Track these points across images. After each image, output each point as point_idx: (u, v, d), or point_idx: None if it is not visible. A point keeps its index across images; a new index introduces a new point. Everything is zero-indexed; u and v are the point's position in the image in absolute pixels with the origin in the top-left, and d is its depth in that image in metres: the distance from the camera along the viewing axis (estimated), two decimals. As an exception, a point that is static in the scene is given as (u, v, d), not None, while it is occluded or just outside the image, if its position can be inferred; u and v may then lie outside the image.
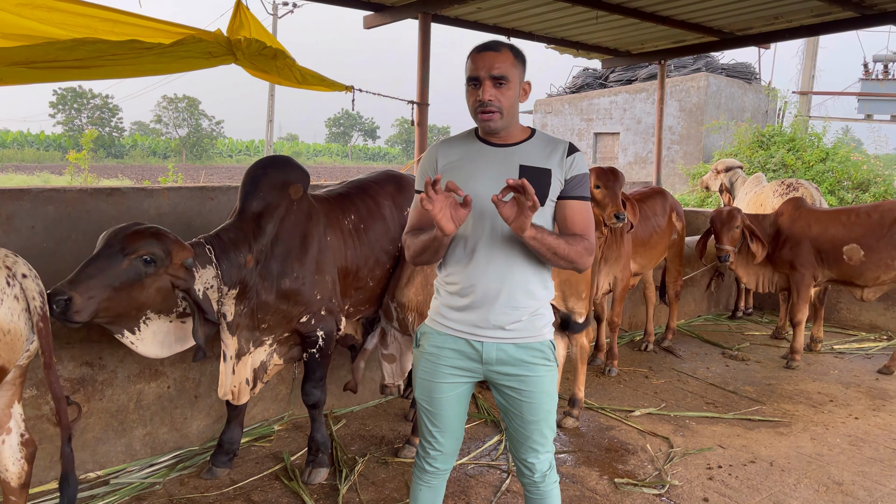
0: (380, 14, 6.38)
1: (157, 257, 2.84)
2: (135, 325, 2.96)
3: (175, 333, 3.11)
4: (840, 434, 4.21)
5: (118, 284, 2.77)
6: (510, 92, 2.17)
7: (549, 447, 2.35)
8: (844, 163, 13.82)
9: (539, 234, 2.08)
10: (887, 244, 5.22)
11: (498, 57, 2.15)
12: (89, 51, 3.51)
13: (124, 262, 2.78)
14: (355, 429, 4.16)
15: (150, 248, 2.83)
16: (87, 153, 16.96)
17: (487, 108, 2.15)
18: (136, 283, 2.82)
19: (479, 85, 2.15)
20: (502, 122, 2.19)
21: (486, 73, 2.13)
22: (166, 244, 2.88)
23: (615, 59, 8.75)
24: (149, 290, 2.87)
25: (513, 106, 2.21)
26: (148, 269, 2.83)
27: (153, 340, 3.04)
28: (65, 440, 2.68)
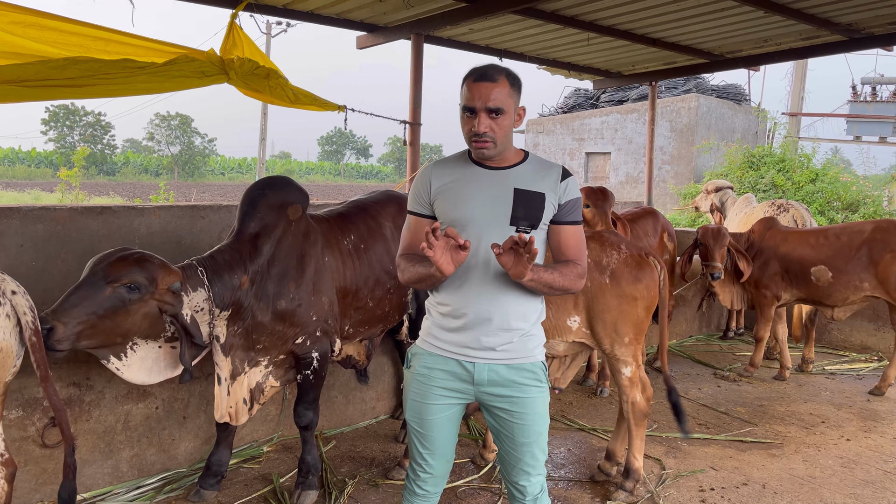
0: (373, 35, 6.41)
1: (140, 285, 2.82)
2: (121, 350, 2.93)
3: (164, 360, 3.07)
4: (832, 456, 4.20)
5: (102, 312, 2.75)
6: (506, 122, 2.18)
7: (541, 470, 2.33)
8: (834, 183, 13.94)
9: (536, 275, 2.10)
10: (855, 266, 5.26)
11: (494, 88, 2.14)
12: (82, 70, 3.50)
13: (107, 290, 2.76)
14: (345, 450, 4.12)
15: (134, 276, 2.81)
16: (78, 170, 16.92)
17: (482, 139, 2.16)
18: (120, 310, 2.79)
19: (475, 115, 2.15)
20: (496, 150, 2.20)
21: (482, 105, 2.13)
22: (151, 271, 2.86)
23: (606, 79, 8.82)
24: (134, 316, 2.84)
25: (507, 134, 2.21)
26: (132, 295, 2.80)
27: (140, 367, 3.00)
28: (68, 451, 2.69)
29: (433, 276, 2.12)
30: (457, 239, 2.03)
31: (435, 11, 5.83)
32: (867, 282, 5.26)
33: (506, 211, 2.19)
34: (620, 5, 5.89)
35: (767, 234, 5.71)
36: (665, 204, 18.39)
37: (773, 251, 5.60)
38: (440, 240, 2.03)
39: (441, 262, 2.04)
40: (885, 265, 5.17)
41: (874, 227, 5.33)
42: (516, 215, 2.19)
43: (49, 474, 3.31)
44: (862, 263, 5.25)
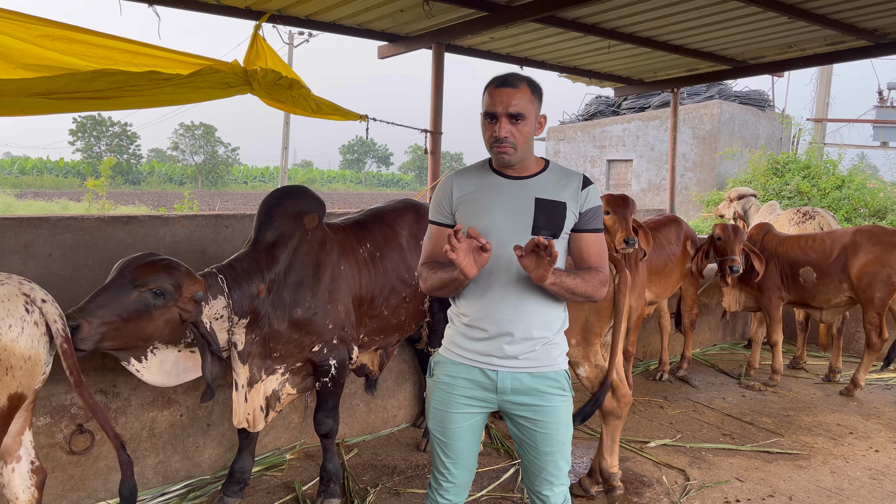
0: (394, 44, 6.45)
1: (166, 291, 2.85)
2: (141, 353, 2.96)
3: (183, 363, 3.11)
4: (860, 467, 4.12)
5: (126, 315, 2.79)
6: (527, 128, 2.19)
7: (564, 479, 2.32)
8: (861, 190, 13.76)
9: (558, 278, 2.10)
10: (836, 268, 5.49)
11: (515, 94, 2.15)
12: (109, 82, 3.56)
13: (133, 294, 2.80)
14: (367, 458, 4.13)
15: (161, 281, 2.84)
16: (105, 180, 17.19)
17: (503, 144, 2.17)
18: (144, 314, 2.83)
19: (496, 120, 2.17)
20: (517, 156, 2.21)
21: (504, 110, 2.15)
22: (177, 278, 2.89)
23: (628, 87, 8.78)
24: (157, 322, 2.88)
25: (528, 141, 2.22)
26: (157, 301, 2.84)
27: (159, 369, 3.04)
28: (118, 448, 2.73)
29: (456, 279, 2.13)
30: (478, 239, 2.04)
31: (455, 21, 5.86)
32: (845, 283, 5.48)
33: (527, 220, 2.19)
34: (642, 13, 5.87)
35: (765, 237, 5.89)
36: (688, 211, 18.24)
37: (772, 254, 5.78)
38: (462, 242, 2.03)
39: (464, 265, 2.05)
40: (859, 267, 5.37)
41: (855, 231, 5.57)
42: (538, 224, 2.19)
43: (76, 481, 3.35)
44: (841, 265, 5.48)
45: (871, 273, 5.28)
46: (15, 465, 2.59)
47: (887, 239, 5.32)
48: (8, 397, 2.36)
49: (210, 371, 2.99)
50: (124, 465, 2.72)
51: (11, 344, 2.37)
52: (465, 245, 2.04)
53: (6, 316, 2.36)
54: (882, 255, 5.27)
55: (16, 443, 2.59)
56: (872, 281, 5.27)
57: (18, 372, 2.39)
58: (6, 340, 2.35)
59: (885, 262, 5.25)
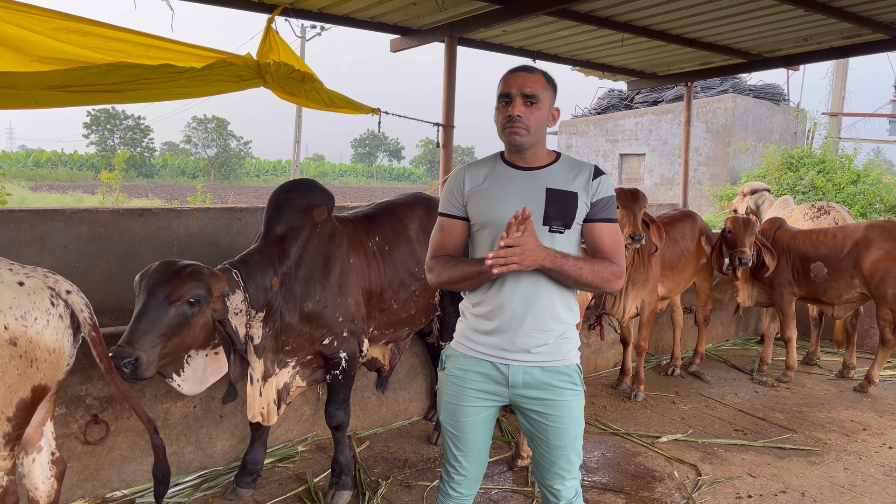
0: (406, 38, 6.44)
1: (200, 297, 2.85)
2: (180, 366, 2.98)
3: (210, 366, 3.13)
4: (874, 464, 4.10)
5: (171, 333, 2.79)
6: (539, 112, 2.19)
7: (576, 474, 2.32)
8: (876, 185, 13.61)
9: (556, 264, 2.10)
10: (847, 263, 5.44)
11: (531, 77, 2.20)
12: (123, 75, 3.58)
13: (171, 311, 2.79)
14: (378, 451, 4.15)
15: (194, 290, 2.83)
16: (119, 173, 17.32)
17: (515, 123, 2.17)
18: (184, 326, 2.83)
19: (510, 102, 2.18)
20: (528, 138, 2.20)
21: (518, 91, 2.17)
22: (206, 281, 2.88)
23: (641, 80, 8.73)
24: (195, 329, 2.88)
25: (540, 126, 2.22)
26: (193, 309, 2.84)
27: (195, 378, 3.06)
28: (152, 431, 2.75)
29: (484, 273, 2.12)
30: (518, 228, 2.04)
31: (468, 14, 5.84)
32: (857, 278, 5.42)
33: (538, 211, 2.19)
34: (656, 6, 5.84)
35: (777, 233, 5.85)
36: (701, 206, 18.14)
37: (784, 249, 5.74)
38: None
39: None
40: (871, 262, 5.30)
41: (867, 226, 5.51)
42: (549, 215, 2.19)
43: (91, 471, 3.39)
44: (853, 261, 5.42)
45: (883, 269, 5.23)
46: (36, 455, 2.61)
47: None
48: (32, 389, 2.39)
49: (235, 372, 2.99)
50: (157, 448, 2.75)
51: (37, 336, 2.40)
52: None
53: (32, 309, 2.39)
54: (895, 251, 5.21)
55: (37, 433, 2.62)
56: (885, 277, 5.22)
57: (43, 364, 2.42)
58: (32, 333, 2.38)
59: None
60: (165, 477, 2.77)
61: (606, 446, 4.31)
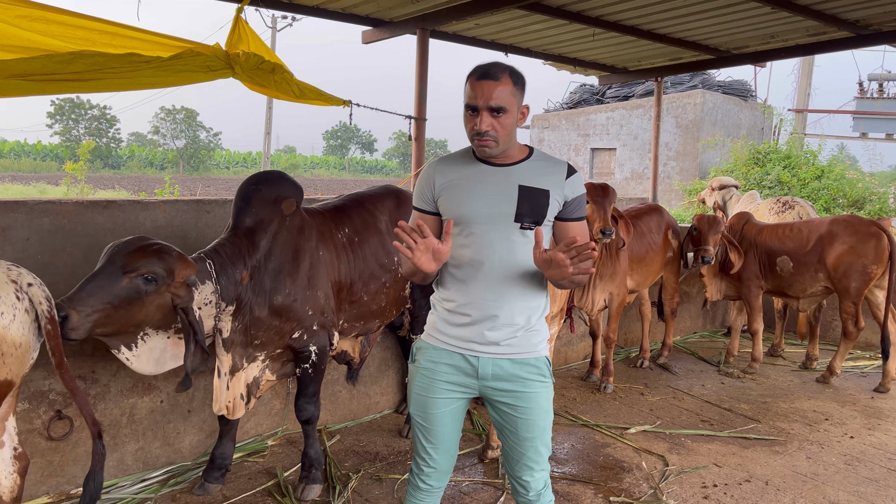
0: (378, 29, 6.40)
1: (158, 276, 2.82)
2: (132, 341, 2.94)
3: (171, 350, 3.09)
4: (835, 453, 4.19)
5: (117, 302, 2.75)
6: (508, 120, 2.17)
7: (545, 465, 2.34)
8: (840, 180, 13.90)
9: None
10: (812, 257, 5.55)
11: (497, 87, 2.13)
12: (87, 64, 3.51)
13: (124, 281, 2.76)
14: (349, 444, 4.14)
15: (152, 266, 2.81)
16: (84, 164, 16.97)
17: (484, 138, 2.16)
18: (135, 301, 2.79)
19: (477, 113, 2.15)
20: (498, 148, 2.20)
21: (485, 104, 2.13)
22: (169, 262, 2.86)
23: (612, 75, 8.79)
24: (149, 307, 2.85)
25: (510, 133, 2.21)
26: (148, 287, 2.81)
27: (149, 357, 3.02)
28: (95, 436, 2.71)
29: (419, 271, 2.14)
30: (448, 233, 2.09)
31: (440, 6, 5.82)
32: (821, 272, 5.53)
33: (510, 208, 2.20)
34: (626, 1, 5.87)
35: (745, 227, 5.95)
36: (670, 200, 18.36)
37: (751, 244, 5.84)
38: (420, 242, 2.05)
39: (422, 264, 2.08)
40: (835, 256, 5.42)
41: (831, 221, 5.62)
42: (521, 212, 2.19)
43: (55, 467, 3.33)
44: (817, 255, 5.53)
45: (846, 263, 5.35)
46: (-2, 450, 2.56)
47: (863, 229, 5.38)
48: None
49: (191, 362, 2.96)
50: (96, 456, 2.68)
51: (3, 331, 2.35)
52: (423, 244, 2.05)
53: None
54: (858, 245, 5.33)
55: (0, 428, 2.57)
56: (848, 271, 5.34)
57: (9, 359, 2.38)
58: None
59: (860, 253, 5.31)
60: (97, 491, 2.70)
61: (576, 438, 4.36)
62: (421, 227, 2.05)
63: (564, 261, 2.00)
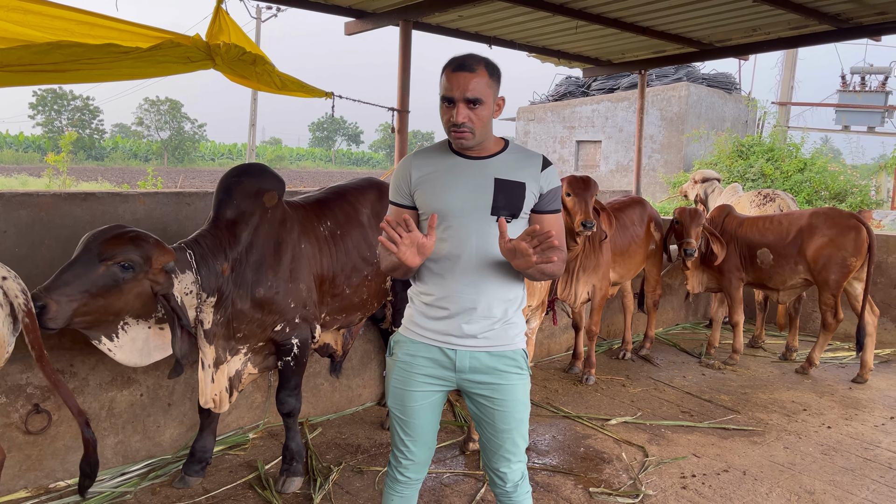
0: (361, 21, 6.38)
1: (135, 263, 2.81)
2: (112, 331, 2.92)
3: (154, 341, 3.08)
4: (813, 443, 4.25)
5: (95, 291, 2.74)
6: (484, 112, 2.17)
7: (522, 457, 2.35)
8: (822, 173, 14.02)
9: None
10: (792, 250, 5.60)
11: (472, 78, 2.13)
12: (65, 54, 3.47)
13: (101, 269, 2.75)
14: (331, 437, 4.14)
15: (128, 254, 2.79)
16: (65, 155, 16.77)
17: (461, 129, 2.16)
18: (113, 289, 2.78)
19: (453, 105, 2.15)
20: (474, 140, 2.20)
21: (461, 95, 2.13)
22: (145, 249, 2.84)
23: (596, 68, 8.81)
24: (127, 295, 2.83)
25: (486, 124, 2.21)
26: (126, 274, 2.79)
27: (132, 347, 3.00)
28: (83, 425, 2.71)
29: (402, 266, 2.14)
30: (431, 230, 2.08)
31: (423, -3, 5.81)
32: (801, 264, 5.58)
33: (487, 201, 2.20)
34: (610, -7, 5.88)
35: (726, 220, 6.00)
36: (654, 193, 18.44)
37: (732, 236, 5.88)
38: (405, 236, 2.04)
39: (406, 258, 2.07)
40: (814, 249, 5.47)
41: (811, 214, 5.67)
42: (497, 205, 2.20)
43: (33, 461, 3.31)
44: (797, 247, 5.58)
45: (826, 255, 5.40)
46: (-28, 445, 2.55)
47: (843, 222, 5.44)
48: None
49: (180, 347, 2.95)
50: (88, 443, 2.70)
51: None
52: (408, 238, 2.05)
53: None
54: (837, 238, 5.38)
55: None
56: (828, 263, 5.39)
57: None
58: None
59: (840, 245, 5.37)
60: (93, 471, 2.72)
61: (557, 429, 4.39)
62: (407, 221, 2.04)
63: (527, 249, 2.01)
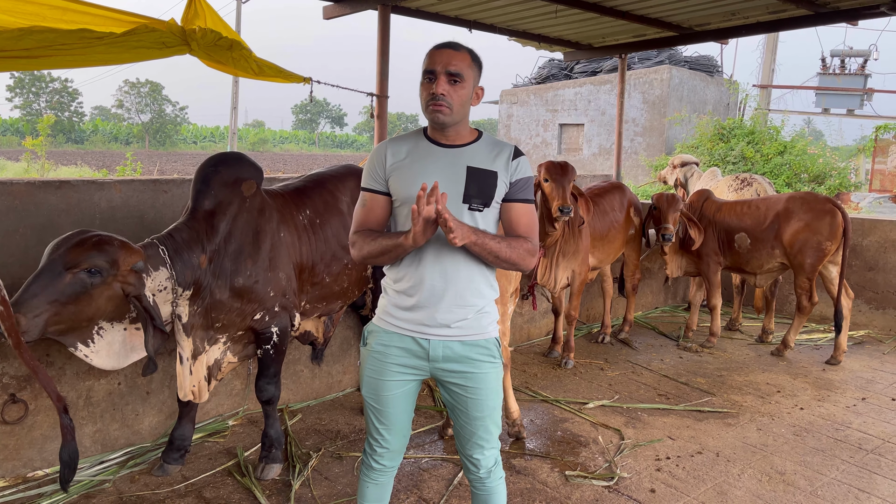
0: (339, 5, 6.32)
1: (101, 268, 2.77)
2: (88, 336, 2.89)
3: (130, 342, 3.05)
4: (785, 424, 4.33)
5: (64, 300, 2.71)
6: (463, 91, 2.20)
7: (495, 443, 2.39)
8: (801, 156, 14.13)
9: (479, 239, 2.13)
10: (769, 234, 5.68)
11: (456, 55, 2.19)
12: (37, 40, 3.42)
13: (67, 277, 2.71)
14: (311, 423, 4.17)
15: (93, 260, 2.76)
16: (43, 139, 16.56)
17: (439, 102, 2.18)
18: (82, 296, 2.75)
19: (435, 79, 2.18)
20: (451, 117, 2.21)
21: (443, 69, 2.17)
22: (110, 253, 2.81)
23: (577, 52, 8.79)
24: (98, 300, 2.80)
25: (464, 105, 2.23)
26: (94, 279, 2.76)
27: (108, 352, 2.97)
28: (61, 411, 2.71)
29: (400, 246, 2.14)
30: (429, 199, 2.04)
31: (402, -18, 5.76)
32: (777, 249, 5.66)
33: (459, 189, 2.22)
34: (589, -22, 5.87)
35: (704, 205, 6.07)
36: (637, 176, 18.51)
37: (710, 221, 5.95)
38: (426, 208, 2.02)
39: (423, 234, 2.07)
40: (791, 233, 5.55)
41: (788, 198, 5.74)
42: (469, 193, 2.21)
43: (10, 451, 3.31)
44: (774, 231, 5.65)
45: (802, 239, 5.47)
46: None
47: (818, 206, 5.51)
48: None
49: (152, 345, 2.93)
50: (65, 429, 2.70)
51: None
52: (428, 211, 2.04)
53: None
54: (813, 222, 5.45)
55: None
56: (803, 247, 5.47)
57: None
58: None
59: (815, 229, 5.44)
60: (73, 460, 2.72)
61: (535, 413, 4.44)
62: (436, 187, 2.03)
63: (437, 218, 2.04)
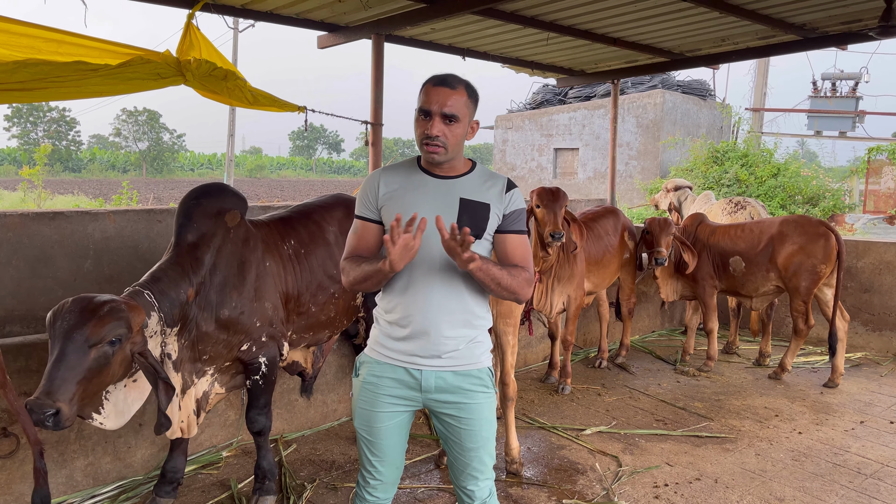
0: (333, 35, 6.38)
1: (122, 336, 2.71)
2: (99, 404, 2.84)
3: (130, 396, 3.00)
4: (784, 449, 4.30)
5: (90, 376, 2.65)
6: (458, 130, 2.21)
7: (489, 474, 2.37)
8: (795, 178, 14.20)
9: (484, 264, 2.12)
10: (763, 257, 5.69)
11: (452, 95, 2.18)
12: (32, 73, 3.44)
13: (91, 354, 2.64)
14: (306, 453, 4.13)
15: (116, 330, 2.69)
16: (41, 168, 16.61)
17: (434, 143, 2.18)
18: (105, 367, 2.69)
19: (430, 118, 2.18)
20: (446, 156, 2.23)
21: (438, 109, 2.17)
22: (127, 319, 2.74)
23: (570, 78, 8.87)
24: (114, 367, 2.74)
25: (459, 143, 2.24)
26: (114, 349, 2.70)
27: (116, 412, 2.91)
28: (37, 455, 2.67)
29: (380, 272, 2.13)
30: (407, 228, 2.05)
31: (395, 12, 5.82)
32: (772, 272, 5.67)
33: (451, 220, 2.22)
34: (579, 6, 5.93)
35: (698, 228, 6.09)
36: (632, 199, 18.59)
37: (705, 244, 5.97)
38: (402, 236, 2.03)
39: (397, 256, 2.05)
40: (785, 256, 5.56)
41: (781, 222, 5.76)
42: (461, 224, 2.21)
43: (1, 485, 3.27)
44: (768, 255, 5.66)
45: (796, 262, 5.48)
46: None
47: (812, 229, 5.53)
48: None
49: (164, 400, 2.85)
50: (39, 473, 2.65)
51: None
52: (407, 237, 2.05)
53: None
54: (807, 245, 5.47)
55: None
56: (798, 270, 5.48)
57: None
58: None
59: (810, 252, 5.45)
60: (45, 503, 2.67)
61: (532, 440, 4.40)
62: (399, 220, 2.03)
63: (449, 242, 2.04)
